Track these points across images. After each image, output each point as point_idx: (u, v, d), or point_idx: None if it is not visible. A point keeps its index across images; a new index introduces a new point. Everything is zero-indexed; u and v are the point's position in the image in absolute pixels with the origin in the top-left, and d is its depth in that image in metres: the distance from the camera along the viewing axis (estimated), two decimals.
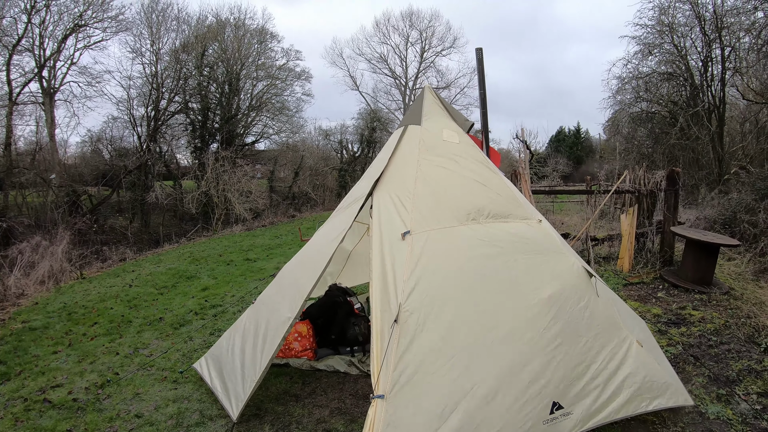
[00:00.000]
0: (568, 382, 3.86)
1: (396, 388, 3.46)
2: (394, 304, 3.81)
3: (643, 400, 4.03)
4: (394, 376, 3.49)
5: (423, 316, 3.78)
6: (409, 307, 3.79)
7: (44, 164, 23.72)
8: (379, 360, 3.59)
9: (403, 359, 3.57)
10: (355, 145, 37.52)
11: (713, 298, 7.57)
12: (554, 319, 4.03)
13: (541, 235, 4.64)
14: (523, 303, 4.06)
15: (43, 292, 10.62)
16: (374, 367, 3.59)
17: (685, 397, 4.30)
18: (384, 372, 3.52)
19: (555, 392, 3.78)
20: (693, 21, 18.64)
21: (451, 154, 5.00)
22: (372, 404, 3.41)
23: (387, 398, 3.41)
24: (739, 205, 11.08)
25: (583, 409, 3.82)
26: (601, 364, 4.03)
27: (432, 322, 3.77)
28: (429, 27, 43.24)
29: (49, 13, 24.31)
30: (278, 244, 15.94)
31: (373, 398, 3.43)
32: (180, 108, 28.30)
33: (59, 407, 5.11)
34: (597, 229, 12.64)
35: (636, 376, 4.07)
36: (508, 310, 3.99)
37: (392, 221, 4.42)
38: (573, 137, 51.37)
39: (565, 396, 3.81)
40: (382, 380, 3.49)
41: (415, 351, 3.62)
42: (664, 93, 21.22)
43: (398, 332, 3.67)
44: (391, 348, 3.60)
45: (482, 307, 3.97)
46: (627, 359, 4.12)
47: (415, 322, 3.73)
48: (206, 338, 6.88)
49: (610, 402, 3.91)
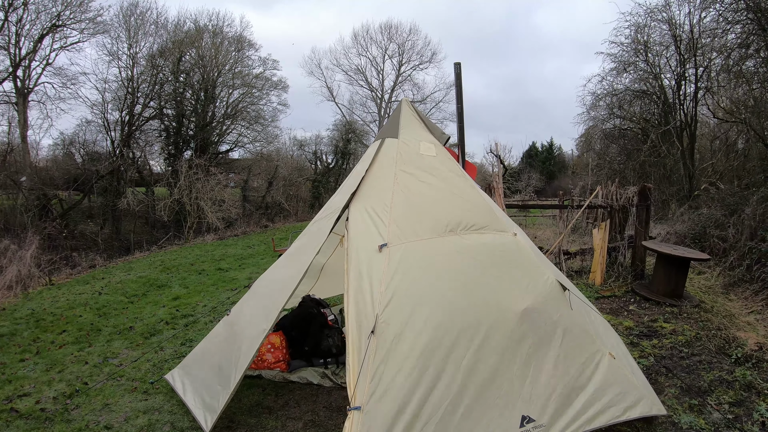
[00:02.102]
0: (540, 394, 3.87)
1: (373, 399, 3.43)
2: (371, 316, 3.80)
3: (616, 411, 4.04)
4: (371, 388, 3.47)
5: (400, 327, 3.77)
6: (386, 318, 3.78)
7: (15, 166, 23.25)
8: (356, 371, 3.55)
9: (380, 370, 3.55)
10: (329, 156, 37.62)
11: (684, 311, 7.67)
12: (527, 333, 4.05)
13: (517, 248, 4.66)
14: (499, 316, 4.06)
15: (11, 297, 10.38)
16: (350, 378, 3.55)
17: (658, 407, 4.33)
18: (361, 383, 3.49)
19: (526, 405, 3.79)
20: (669, 40, 19.04)
21: (428, 167, 5.01)
22: (348, 416, 3.38)
23: (364, 410, 3.38)
24: (708, 220, 11.29)
25: (555, 421, 3.82)
26: (573, 376, 4.05)
27: (409, 333, 3.76)
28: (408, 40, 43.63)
29: (26, 11, 24.08)
30: (251, 254, 15.82)
31: (349, 410, 3.39)
32: (155, 114, 28.00)
33: (26, 417, 4.98)
34: (569, 243, 12.78)
35: (609, 387, 4.09)
36: (484, 323, 3.98)
37: (369, 233, 4.40)
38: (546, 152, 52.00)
39: (537, 408, 3.82)
40: (359, 392, 3.46)
41: (392, 362, 3.60)
42: (636, 110, 21.59)
43: (375, 343, 3.65)
44: (368, 359, 3.57)
45: (459, 319, 3.96)
46: (599, 371, 4.14)
47: (392, 333, 3.72)
48: (177, 348, 6.77)
49: (582, 413, 3.91)
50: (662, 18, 18.95)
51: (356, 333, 3.77)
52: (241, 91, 32.72)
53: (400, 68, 44.19)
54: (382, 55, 44.19)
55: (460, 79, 6.07)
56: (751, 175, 15.13)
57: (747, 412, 4.77)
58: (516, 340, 3.99)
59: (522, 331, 4.04)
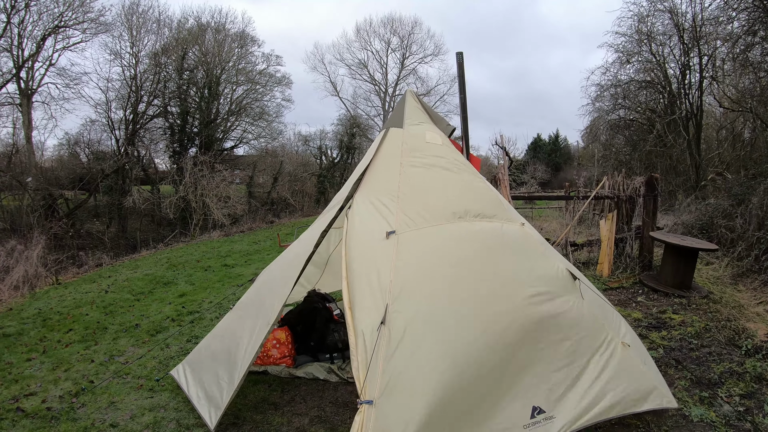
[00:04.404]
0: (551, 385, 3.82)
1: (386, 392, 3.35)
2: (381, 306, 3.72)
3: (628, 403, 3.99)
4: (383, 380, 3.38)
5: (412, 316, 3.70)
6: (398, 307, 3.71)
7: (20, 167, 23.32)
8: (365, 364, 3.47)
9: (392, 362, 3.46)
10: (334, 151, 37.48)
11: (693, 302, 7.61)
12: (539, 322, 4.00)
13: (526, 238, 4.62)
14: (510, 305, 4.02)
15: (18, 297, 10.39)
16: (360, 371, 3.46)
17: (669, 400, 4.27)
18: (371, 376, 3.40)
19: (536, 396, 3.74)
20: (672, 30, 18.92)
21: (434, 156, 4.97)
22: (359, 410, 3.28)
23: (376, 403, 3.29)
24: (716, 210, 11.21)
25: (566, 413, 3.76)
26: (585, 366, 4.00)
27: (421, 323, 3.70)
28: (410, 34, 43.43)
29: (29, 13, 24.05)
30: (257, 249, 15.79)
31: (360, 404, 3.30)
32: (159, 111, 27.96)
33: (33, 416, 4.96)
34: (576, 234, 12.71)
35: (621, 378, 4.03)
36: (496, 311, 3.94)
37: (375, 222, 4.37)
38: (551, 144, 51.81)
39: (548, 400, 3.77)
40: (369, 385, 3.37)
41: (404, 353, 3.52)
42: (642, 101, 21.47)
43: (387, 334, 3.57)
44: (379, 351, 3.49)
45: (470, 307, 3.91)
46: (612, 361, 4.09)
47: (403, 323, 3.64)
48: (183, 345, 6.75)
49: (594, 405, 3.85)
50: (664, 8, 18.85)
51: (363, 324, 3.68)
52: (245, 87, 32.68)
53: (403, 62, 44.03)
54: (385, 49, 44.04)
55: (463, 69, 6.00)
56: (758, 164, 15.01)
57: (758, 404, 4.72)
58: (527, 330, 3.94)
59: (534, 320, 3.99)
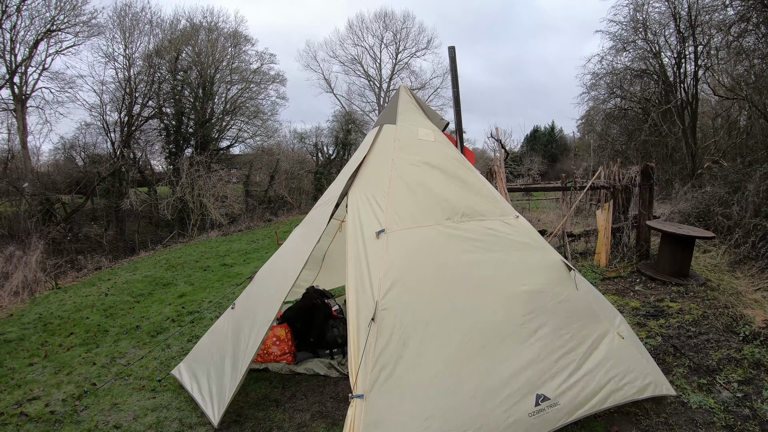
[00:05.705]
0: (552, 374, 3.85)
1: (375, 387, 3.42)
2: (371, 302, 3.77)
3: (626, 391, 4.03)
4: (373, 375, 3.45)
5: (400, 313, 3.75)
6: (386, 304, 3.76)
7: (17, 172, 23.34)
8: (357, 359, 3.53)
9: (382, 357, 3.53)
10: (330, 147, 37.57)
11: (690, 290, 7.65)
12: (534, 313, 4.04)
13: (519, 232, 4.63)
14: (502, 298, 4.05)
15: (18, 303, 10.39)
16: (352, 366, 3.53)
17: (667, 387, 4.33)
18: (362, 371, 3.47)
19: (538, 385, 3.77)
20: (667, 18, 18.90)
21: (426, 153, 4.96)
22: (351, 404, 3.36)
23: (366, 398, 3.36)
24: (712, 198, 11.25)
25: (568, 400, 3.80)
26: (583, 356, 4.03)
27: (410, 320, 3.74)
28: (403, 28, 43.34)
29: (20, 17, 24.06)
30: (255, 248, 15.81)
31: (352, 398, 3.38)
32: (154, 113, 27.99)
33: (36, 420, 4.98)
34: (573, 225, 12.76)
35: (619, 367, 4.08)
36: (487, 306, 3.98)
37: (368, 220, 4.37)
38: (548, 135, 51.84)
39: (550, 388, 3.80)
40: (361, 379, 3.44)
41: (393, 349, 3.59)
42: (637, 90, 21.48)
43: (376, 330, 3.63)
44: (369, 346, 3.55)
45: (460, 303, 3.96)
46: (610, 351, 4.13)
47: (392, 320, 3.70)
48: (184, 345, 6.77)
49: (594, 393, 3.90)
50: None
51: (356, 320, 3.74)
52: (240, 86, 32.62)
53: (397, 56, 43.95)
54: (378, 44, 43.96)
55: (455, 63, 5.99)
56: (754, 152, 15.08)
57: (756, 390, 4.75)
58: (522, 321, 3.98)
59: (528, 311, 4.03)
